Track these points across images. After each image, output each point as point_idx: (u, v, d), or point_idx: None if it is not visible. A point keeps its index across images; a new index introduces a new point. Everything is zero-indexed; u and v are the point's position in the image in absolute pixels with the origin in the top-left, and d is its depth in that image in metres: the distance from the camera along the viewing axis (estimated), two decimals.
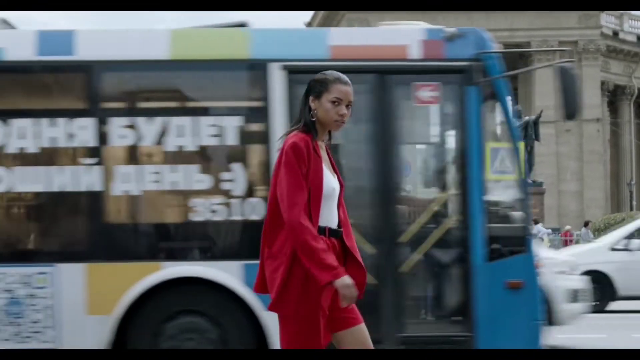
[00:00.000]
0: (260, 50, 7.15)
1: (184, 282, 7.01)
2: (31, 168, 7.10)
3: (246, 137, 7.17)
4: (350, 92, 4.00)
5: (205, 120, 7.08)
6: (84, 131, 7.04)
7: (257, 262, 6.87)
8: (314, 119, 3.99)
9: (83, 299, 6.99)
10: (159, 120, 7.06)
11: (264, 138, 7.12)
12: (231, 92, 7.38)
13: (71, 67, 7.11)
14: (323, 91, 3.98)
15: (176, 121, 7.06)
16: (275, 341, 6.95)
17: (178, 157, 7.10)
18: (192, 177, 7.07)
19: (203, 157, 7.17)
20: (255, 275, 4.08)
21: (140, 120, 7.05)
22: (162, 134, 7.06)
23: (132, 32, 7.43)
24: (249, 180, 7.10)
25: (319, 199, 3.93)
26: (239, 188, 7.07)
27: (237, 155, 7.16)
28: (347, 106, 3.99)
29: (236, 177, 7.06)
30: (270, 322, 6.95)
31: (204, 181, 7.08)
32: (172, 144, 7.07)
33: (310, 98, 4.01)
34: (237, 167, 7.09)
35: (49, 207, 7.25)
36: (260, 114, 7.12)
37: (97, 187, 7.03)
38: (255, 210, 7.05)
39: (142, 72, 7.23)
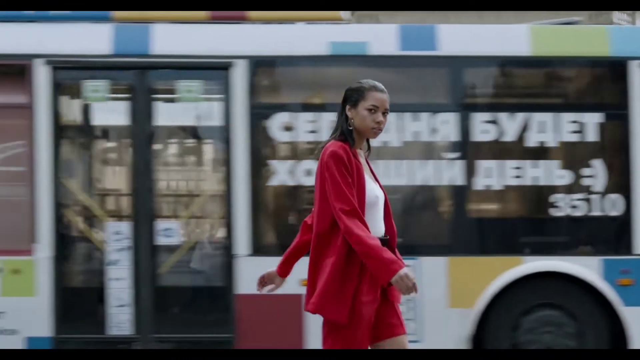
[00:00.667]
0: (620, 48, 7.18)
1: (542, 276, 7.06)
2: (394, 162, 7.17)
3: (605, 134, 7.20)
4: (386, 99, 3.99)
5: (565, 116, 7.13)
6: (446, 126, 7.11)
7: (618, 257, 7.04)
8: (351, 128, 3.97)
9: (444, 292, 7.04)
10: (520, 116, 7.12)
11: (623, 135, 7.15)
12: (590, 89, 7.41)
13: (435, 62, 7.18)
14: (359, 99, 3.96)
15: (537, 117, 7.12)
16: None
17: (539, 153, 7.16)
18: (553, 173, 7.12)
19: (563, 153, 7.21)
20: (614, 271, 3.88)
21: (502, 116, 7.11)
22: (523, 129, 7.12)
23: (491, 28, 7.48)
24: (609, 176, 7.13)
25: (363, 208, 3.88)
26: (598, 184, 7.11)
27: (597, 151, 7.19)
28: (383, 114, 3.98)
29: (596, 173, 7.11)
30: (632, 319, 7.00)
31: (564, 177, 7.12)
32: (533, 139, 7.13)
33: (347, 107, 4.00)
34: (596, 163, 7.13)
35: (411, 200, 7.32)
36: (619, 111, 7.16)
37: (459, 181, 7.09)
38: (615, 206, 7.09)
39: (502, 68, 7.28)
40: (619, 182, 7.15)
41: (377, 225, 3.97)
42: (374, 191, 3.97)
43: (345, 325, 3.86)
